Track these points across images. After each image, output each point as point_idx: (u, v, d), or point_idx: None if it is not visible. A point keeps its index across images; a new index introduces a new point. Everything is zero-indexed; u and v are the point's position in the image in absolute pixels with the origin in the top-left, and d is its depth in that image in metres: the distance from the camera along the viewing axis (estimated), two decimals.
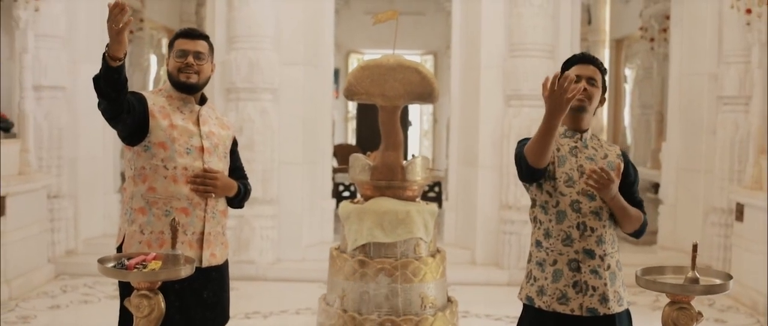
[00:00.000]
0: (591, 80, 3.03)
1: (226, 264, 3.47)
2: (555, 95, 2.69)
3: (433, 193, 12.35)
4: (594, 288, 2.96)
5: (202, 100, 3.38)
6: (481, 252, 7.66)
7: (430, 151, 15.32)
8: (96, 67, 7.68)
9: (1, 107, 6.83)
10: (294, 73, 7.60)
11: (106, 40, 8.49)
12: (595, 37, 11.64)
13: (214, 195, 3.25)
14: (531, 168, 2.91)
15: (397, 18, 4.25)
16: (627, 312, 3.03)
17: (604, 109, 11.62)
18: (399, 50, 14.06)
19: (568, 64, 3.11)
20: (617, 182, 2.87)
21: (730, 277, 2.62)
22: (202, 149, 3.24)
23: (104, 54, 2.88)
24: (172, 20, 11.64)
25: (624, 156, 3.12)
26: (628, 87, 11.18)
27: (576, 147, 3.05)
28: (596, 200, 2.97)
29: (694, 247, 2.57)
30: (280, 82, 7.48)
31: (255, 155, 7.26)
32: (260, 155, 7.31)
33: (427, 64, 15.60)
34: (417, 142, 15.57)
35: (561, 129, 3.07)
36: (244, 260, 7.33)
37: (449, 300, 4.33)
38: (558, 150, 3.05)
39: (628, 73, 11.27)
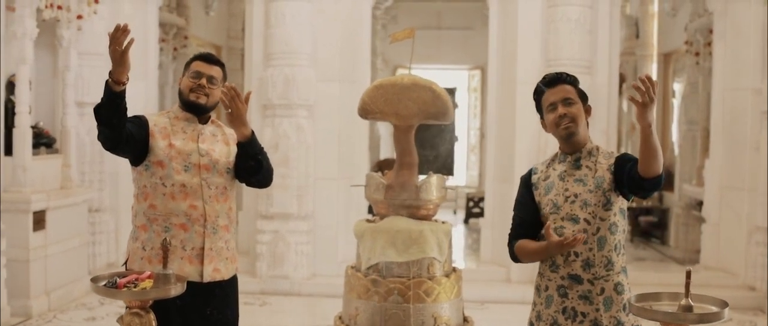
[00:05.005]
0: (567, 101, 2.94)
1: (233, 280, 3.49)
2: (562, 249, 2.81)
3: (478, 209, 12.29)
4: (583, 315, 2.89)
5: (208, 121, 3.43)
6: (516, 269, 7.57)
7: (477, 165, 15.22)
8: (137, 83, 7.85)
9: (44, 123, 7.05)
10: (330, 90, 7.66)
11: (150, 57, 8.61)
12: (643, 52, 11.45)
13: (230, 111, 3.16)
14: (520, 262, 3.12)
15: (414, 36, 4.23)
16: None
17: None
18: (446, 65, 14.04)
19: (537, 94, 3.06)
20: (653, 108, 2.61)
21: (726, 305, 2.53)
22: (200, 166, 3.29)
23: (107, 80, 2.93)
24: (219, 37, 11.86)
25: (618, 159, 2.92)
26: (676, 102, 10.94)
27: (566, 171, 2.98)
28: (580, 223, 2.89)
29: (688, 274, 2.49)
30: (316, 99, 7.54)
31: (290, 171, 7.33)
32: (295, 171, 7.37)
33: (474, 78, 15.54)
34: (464, 157, 15.48)
35: (557, 152, 3.08)
36: (278, 275, 7.39)
37: (465, 319, 4.28)
38: (548, 178, 3.02)
39: (677, 87, 11.04)
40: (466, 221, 12.62)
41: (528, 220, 3.06)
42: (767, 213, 6.99)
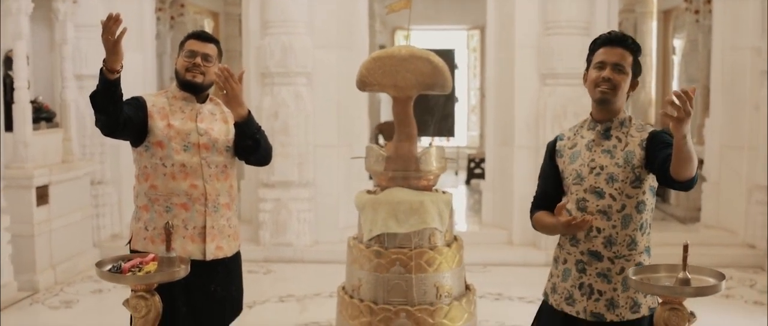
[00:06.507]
0: (618, 66, 2.75)
1: (237, 257, 3.54)
2: (569, 230, 2.75)
3: (480, 169, 12.32)
4: (600, 293, 2.79)
5: (206, 100, 3.44)
6: (518, 232, 7.62)
7: (478, 126, 15.21)
8: (135, 54, 7.79)
9: (43, 98, 7.04)
10: (328, 57, 7.64)
11: (146, 27, 8.54)
12: (643, 9, 11.38)
13: (225, 92, 3.17)
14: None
15: (410, 7, 4.21)
16: (650, 319, 2.75)
17: (652, 82, 11.37)
18: (445, 25, 13.85)
19: (594, 45, 2.84)
20: (687, 121, 2.45)
21: (722, 277, 2.56)
22: (199, 145, 3.31)
23: (101, 69, 2.94)
24: (216, 3, 11.77)
25: (652, 137, 2.76)
26: (676, 59, 10.90)
27: (594, 140, 2.84)
28: (605, 198, 2.75)
29: (685, 248, 2.51)
30: (314, 66, 7.53)
31: (290, 139, 7.34)
32: (295, 139, 7.38)
33: (473, 38, 15.46)
34: (464, 118, 15.47)
35: (587, 118, 2.92)
36: (281, 243, 7.45)
37: (467, 287, 4.32)
38: (574, 146, 2.89)
39: (677, 44, 10.99)
40: (467, 182, 12.66)
41: (549, 192, 2.96)
42: (767, 171, 7.01)
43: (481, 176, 11.66)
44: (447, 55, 11.35)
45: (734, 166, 7.59)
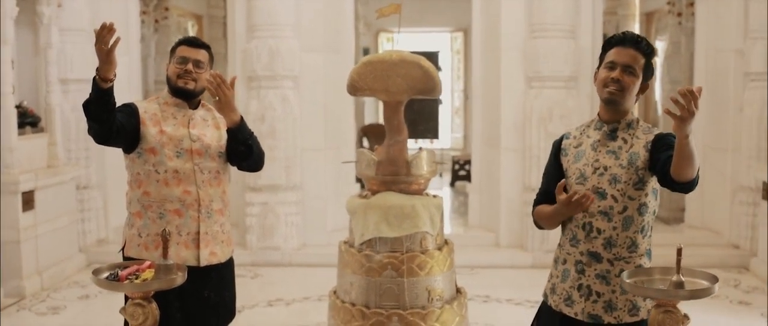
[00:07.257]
0: (628, 68, 2.72)
1: (230, 262, 3.54)
2: (570, 207, 2.71)
3: (464, 171, 12.35)
4: (598, 294, 2.79)
5: (198, 106, 3.44)
6: (505, 234, 7.66)
7: (462, 128, 15.26)
8: (121, 58, 7.76)
9: (28, 102, 6.99)
10: (314, 60, 7.64)
11: (131, 31, 8.46)
12: (625, 11, 11.43)
13: (218, 98, 3.18)
14: (542, 228, 3.03)
15: (400, 12, 4.23)
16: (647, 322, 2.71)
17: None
18: (429, 28, 13.81)
19: (607, 45, 2.82)
20: (691, 120, 2.43)
21: (715, 279, 2.59)
22: (191, 151, 3.31)
23: (94, 77, 2.94)
24: (199, 6, 11.73)
25: (657, 139, 2.75)
26: (658, 60, 10.98)
27: (599, 141, 2.84)
28: (607, 199, 2.76)
29: (679, 251, 2.54)
30: (301, 69, 7.52)
31: (277, 142, 7.33)
32: (282, 142, 7.38)
33: (457, 41, 15.51)
34: (448, 120, 15.51)
35: (593, 118, 2.93)
36: (269, 246, 7.44)
37: (458, 290, 4.35)
38: (579, 145, 2.89)
39: (659, 46, 11.06)
40: (452, 184, 12.69)
41: (551, 191, 2.90)
42: (750, 173, 7.09)
43: (466, 178, 11.69)
44: (430, 57, 11.33)
45: (718, 167, 7.67)
